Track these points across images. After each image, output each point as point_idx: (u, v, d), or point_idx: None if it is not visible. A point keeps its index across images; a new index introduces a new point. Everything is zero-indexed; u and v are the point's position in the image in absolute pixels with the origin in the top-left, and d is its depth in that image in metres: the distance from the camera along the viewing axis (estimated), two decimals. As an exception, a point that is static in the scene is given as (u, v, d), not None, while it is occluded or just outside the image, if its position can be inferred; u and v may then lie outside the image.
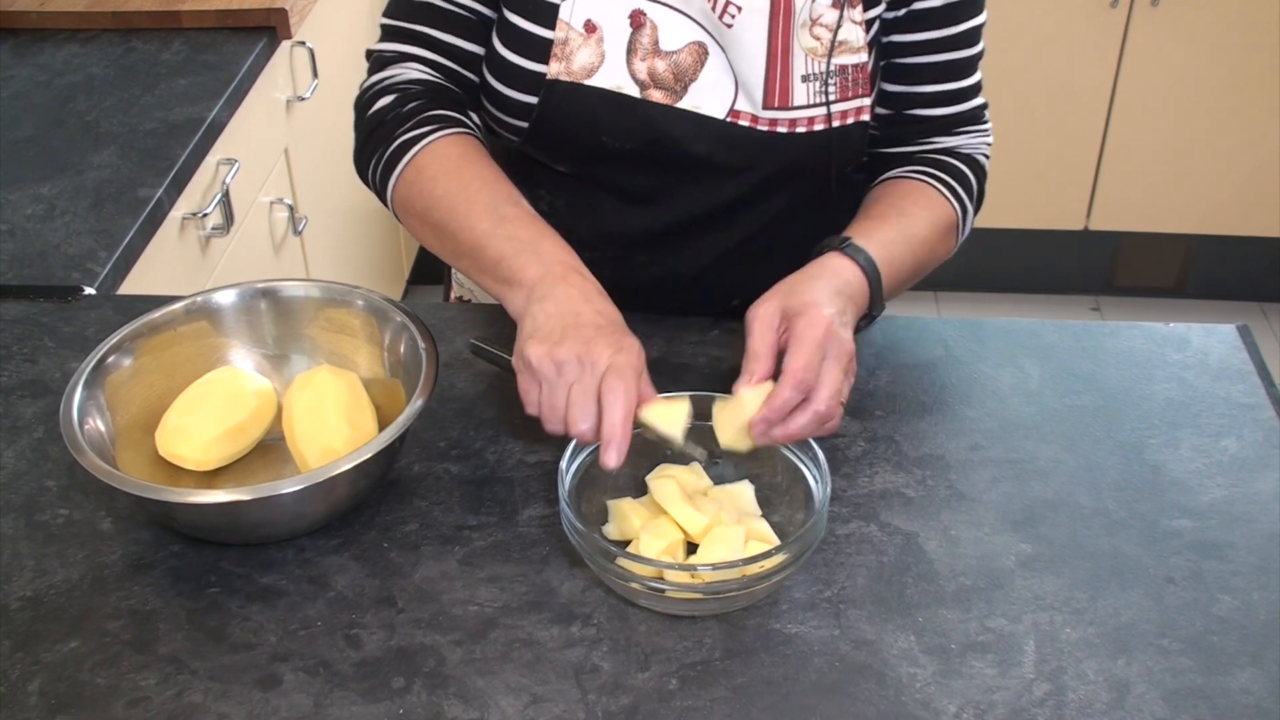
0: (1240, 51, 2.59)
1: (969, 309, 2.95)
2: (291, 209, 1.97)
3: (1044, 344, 1.18)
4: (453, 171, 1.04)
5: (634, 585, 0.90)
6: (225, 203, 1.69)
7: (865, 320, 1.05)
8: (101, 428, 1.00)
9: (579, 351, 0.90)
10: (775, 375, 0.94)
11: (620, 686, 0.87)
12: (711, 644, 0.90)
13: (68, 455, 1.05)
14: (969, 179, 1.14)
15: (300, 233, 2.00)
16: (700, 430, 0.97)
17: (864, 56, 1.08)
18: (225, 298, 1.09)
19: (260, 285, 1.10)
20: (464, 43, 1.11)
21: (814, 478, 0.96)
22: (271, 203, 1.92)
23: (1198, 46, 2.59)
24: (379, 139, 1.08)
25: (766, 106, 1.08)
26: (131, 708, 0.86)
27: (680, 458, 0.99)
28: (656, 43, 1.07)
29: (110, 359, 1.03)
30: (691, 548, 0.95)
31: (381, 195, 1.09)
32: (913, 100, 1.14)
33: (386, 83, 1.10)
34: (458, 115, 1.09)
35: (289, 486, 0.91)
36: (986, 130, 1.18)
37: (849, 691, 0.87)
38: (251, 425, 1.04)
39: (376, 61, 1.13)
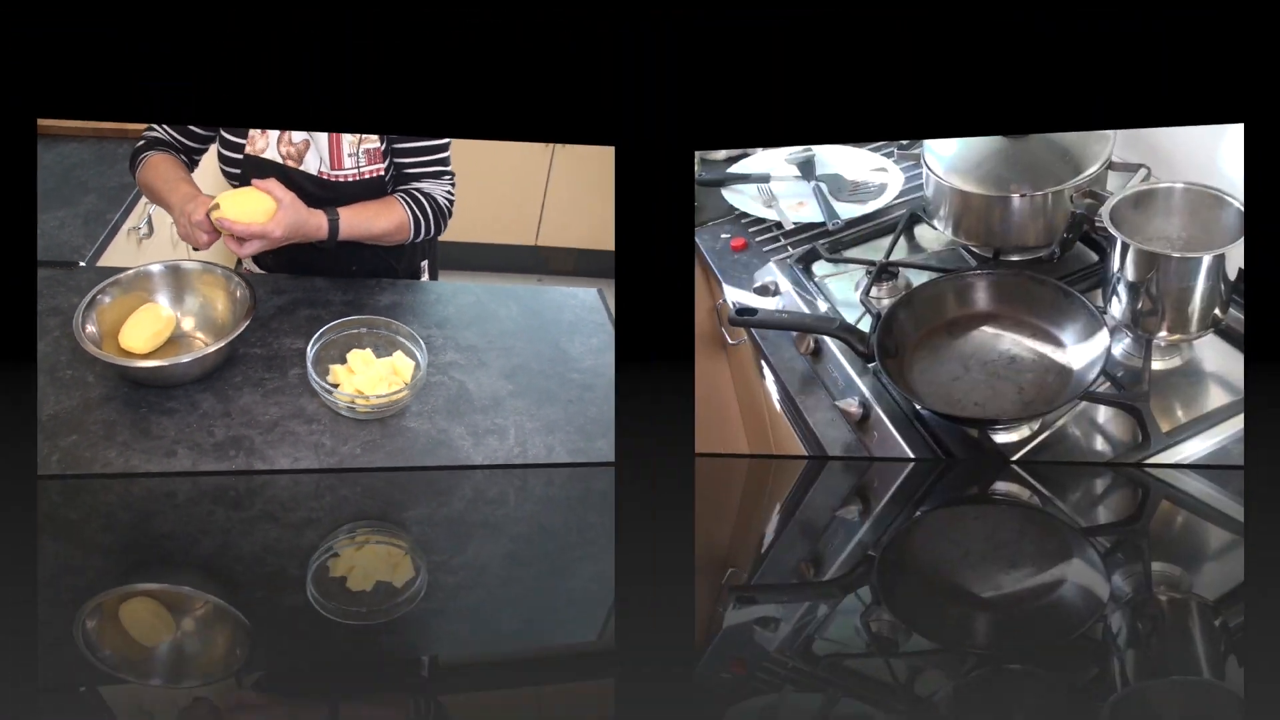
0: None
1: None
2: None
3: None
4: (153, 166, 2.12)
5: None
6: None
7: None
8: (92, 329, 2.02)
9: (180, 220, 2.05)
10: None
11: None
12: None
13: (72, 343, 2.06)
14: (420, 201, 2.16)
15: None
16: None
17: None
18: (155, 268, 2.11)
19: (171, 262, 2.12)
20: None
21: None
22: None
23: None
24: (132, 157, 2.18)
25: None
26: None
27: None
28: None
29: (95, 298, 2.05)
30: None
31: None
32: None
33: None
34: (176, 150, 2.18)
35: (184, 358, 1.96)
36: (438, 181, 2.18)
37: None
38: (163, 331, 2.07)
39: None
